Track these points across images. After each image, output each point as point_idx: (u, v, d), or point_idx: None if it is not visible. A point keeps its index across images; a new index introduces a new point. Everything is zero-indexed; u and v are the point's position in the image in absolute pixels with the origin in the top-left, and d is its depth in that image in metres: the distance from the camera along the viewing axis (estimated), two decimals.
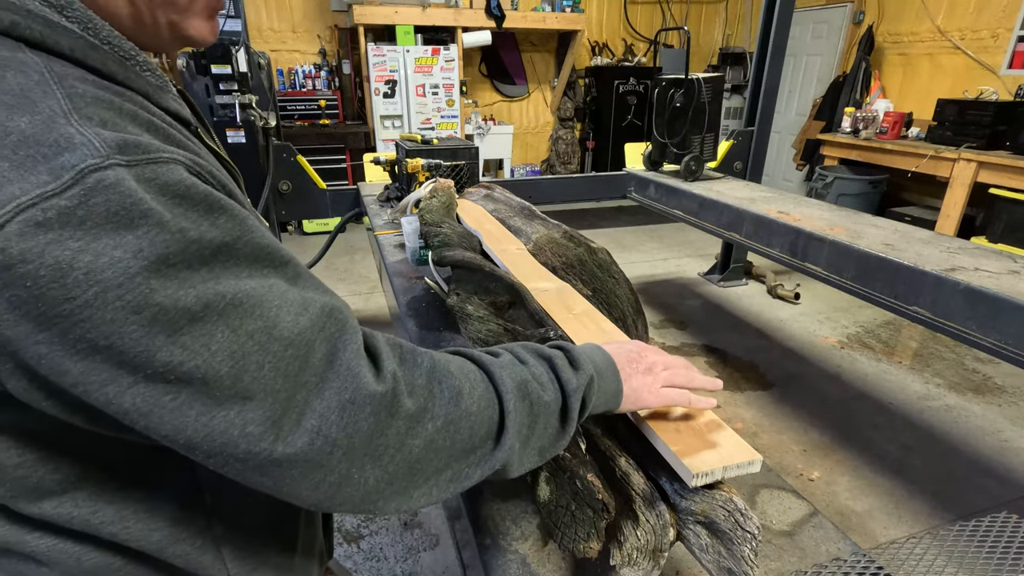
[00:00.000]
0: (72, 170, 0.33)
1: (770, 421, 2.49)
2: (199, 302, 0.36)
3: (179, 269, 0.36)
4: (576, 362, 0.60)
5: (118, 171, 0.35)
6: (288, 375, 0.40)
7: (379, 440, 0.43)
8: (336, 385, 0.42)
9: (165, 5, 0.48)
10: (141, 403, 0.36)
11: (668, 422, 0.77)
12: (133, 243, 0.34)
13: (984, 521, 1.74)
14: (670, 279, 4.20)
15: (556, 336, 0.94)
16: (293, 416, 0.40)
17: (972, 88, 4.44)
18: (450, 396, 0.48)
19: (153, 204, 0.35)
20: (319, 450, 0.41)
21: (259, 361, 0.39)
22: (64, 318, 0.33)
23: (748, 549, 0.65)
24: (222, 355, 0.37)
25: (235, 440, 0.39)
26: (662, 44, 6.82)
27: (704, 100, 2.85)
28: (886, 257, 1.76)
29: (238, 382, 0.38)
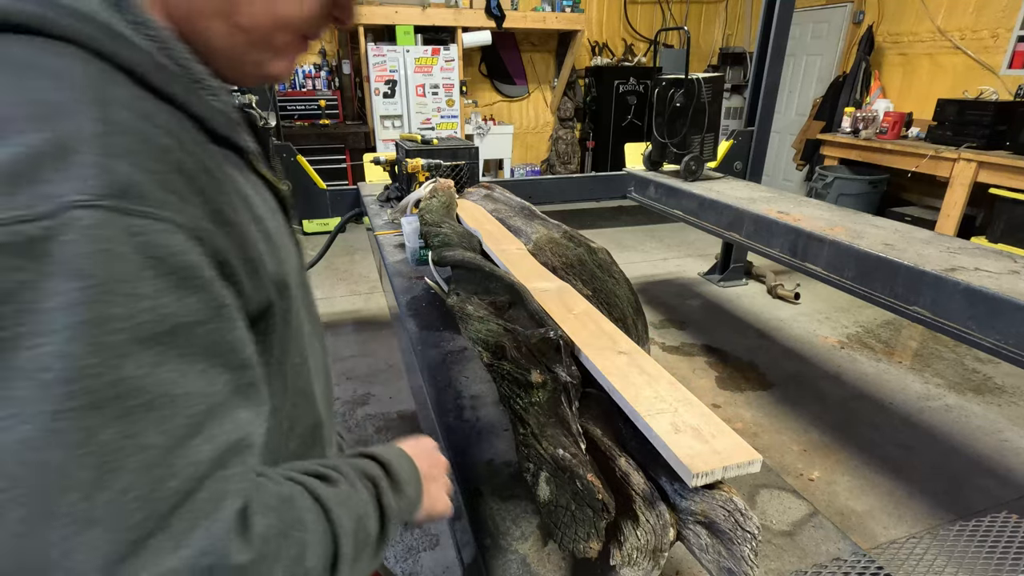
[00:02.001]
0: (54, 202, 0.31)
1: (770, 421, 2.49)
2: (114, 387, 0.31)
3: (114, 336, 0.32)
4: (398, 483, 0.56)
5: (102, 216, 0.32)
6: (153, 510, 0.32)
7: None
8: (202, 545, 0.33)
9: (261, 46, 0.47)
10: None
11: (668, 423, 0.77)
12: (73, 293, 0.31)
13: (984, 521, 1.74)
14: (670, 279, 4.20)
15: (556, 336, 0.94)
16: (140, 563, 0.31)
17: (972, 88, 4.44)
18: (296, 556, 0.41)
19: (122, 264, 0.32)
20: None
21: (128, 484, 0.31)
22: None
23: (748, 549, 0.65)
24: (92, 458, 0.30)
25: (44, 569, 0.29)
26: (662, 44, 6.82)
27: (704, 100, 2.85)
28: (886, 257, 1.76)
29: (93, 497, 0.30)
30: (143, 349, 0.33)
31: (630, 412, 0.83)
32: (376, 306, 3.71)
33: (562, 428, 0.86)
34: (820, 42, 5.85)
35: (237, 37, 0.46)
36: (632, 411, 0.82)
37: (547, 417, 0.88)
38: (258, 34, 0.46)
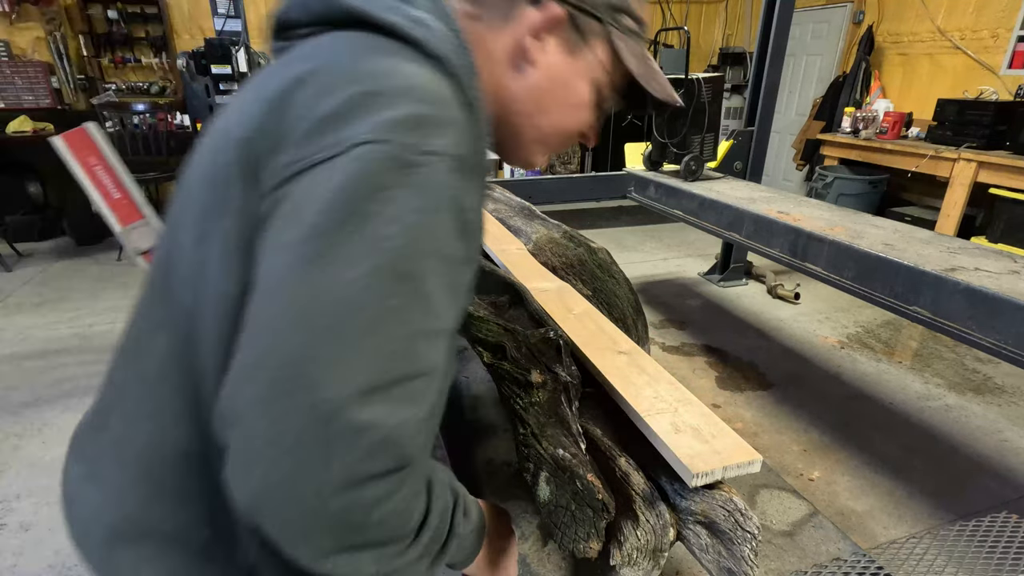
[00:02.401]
0: (431, 148, 0.46)
1: (770, 421, 2.49)
2: (415, 273, 0.44)
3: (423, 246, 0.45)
4: (467, 516, 0.59)
5: (450, 171, 0.47)
6: (392, 370, 0.42)
7: (376, 486, 0.41)
8: (400, 414, 0.42)
9: (540, 143, 0.66)
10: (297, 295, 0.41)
11: (668, 422, 0.77)
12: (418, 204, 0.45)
13: (984, 521, 1.74)
14: (670, 279, 4.20)
15: (556, 336, 0.94)
16: (366, 404, 0.40)
17: (972, 88, 4.44)
18: (417, 491, 0.48)
19: (446, 204, 0.47)
20: (351, 445, 0.40)
21: (386, 340, 0.42)
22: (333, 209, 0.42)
23: (748, 549, 0.65)
24: (380, 311, 0.42)
25: (309, 372, 0.39)
26: (662, 44, 6.82)
27: (704, 100, 2.85)
28: (886, 257, 1.76)
29: (365, 338, 0.41)
30: (434, 259, 0.45)
31: (630, 412, 0.83)
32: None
33: (562, 428, 0.86)
34: (820, 42, 5.85)
35: (530, 133, 0.64)
36: (632, 411, 0.82)
37: (547, 417, 0.88)
38: (544, 135, 0.65)
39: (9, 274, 3.98)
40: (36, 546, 1.79)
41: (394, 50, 0.51)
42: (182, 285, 0.52)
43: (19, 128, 4.34)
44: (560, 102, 0.63)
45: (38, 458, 2.18)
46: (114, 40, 4.99)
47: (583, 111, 0.65)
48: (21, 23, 4.71)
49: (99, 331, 3.15)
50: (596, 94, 0.65)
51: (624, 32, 0.64)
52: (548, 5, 0.59)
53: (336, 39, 0.53)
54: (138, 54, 5.15)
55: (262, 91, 0.50)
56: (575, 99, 0.64)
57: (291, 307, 0.41)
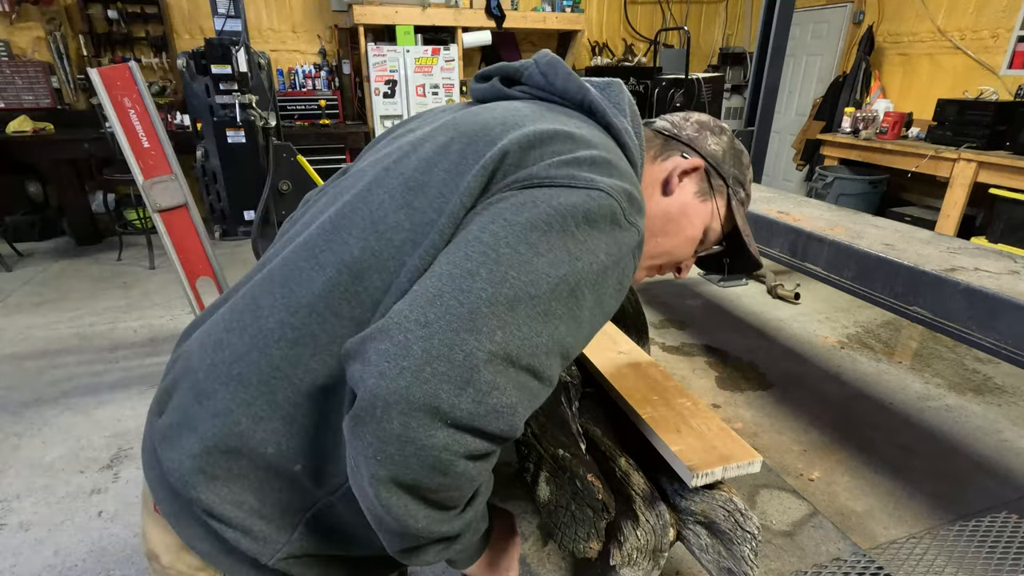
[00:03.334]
0: (604, 186, 0.56)
1: (770, 421, 2.49)
2: (583, 293, 0.53)
3: (591, 274, 0.54)
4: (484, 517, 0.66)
5: (619, 207, 0.57)
6: (532, 356, 0.50)
7: (484, 456, 0.50)
8: (515, 395, 0.49)
9: (649, 257, 0.79)
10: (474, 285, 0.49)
11: (668, 423, 0.77)
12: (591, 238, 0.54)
13: (984, 521, 1.74)
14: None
15: None
16: (506, 368, 0.48)
17: (972, 88, 4.44)
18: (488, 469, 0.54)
19: (612, 242, 0.56)
20: (480, 400, 0.46)
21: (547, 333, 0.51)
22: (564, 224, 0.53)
23: (748, 549, 0.65)
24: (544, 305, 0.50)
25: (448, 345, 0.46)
26: (662, 44, 6.82)
27: (704, 100, 2.85)
28: (886, 257, 1.76)
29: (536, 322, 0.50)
30: (595, 295, 0.54)
31: (630, 412, 0.82)
32: None
33: (562, 428, 0.86)
34: (820, 42, 5.85)
35: (649, 247, 0.75)
36: (632, 411, 0.82)
37: (547, 417, 0.88)
38: (656, 253, 0.78)
39: (9, 274, 3.98)
40: (36, 546, 1.79)
41: (598, 128, 0.66)
42: (360, 236, 0.59)
43: (19, 128, 4.34)
44: (678, 230, 0.77)
45: (38, 458, 2.18)
46: (114, 40, 4.99)
47: (690, 245, 0.79)
48: (21, 23, 4.71)
49: (99, 331, 3.15)
50: (704, 236, 0.80)
51: (738, 199, 0.81)
52: (694, 158, 0.77)
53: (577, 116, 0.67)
54: (138, 54, 5.15)
55: (525, 119, 0.62)
56: (690, 232, 0.78)
57: (494, 266, 0.49)
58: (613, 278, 0.56)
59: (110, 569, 1.72)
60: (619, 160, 0.61)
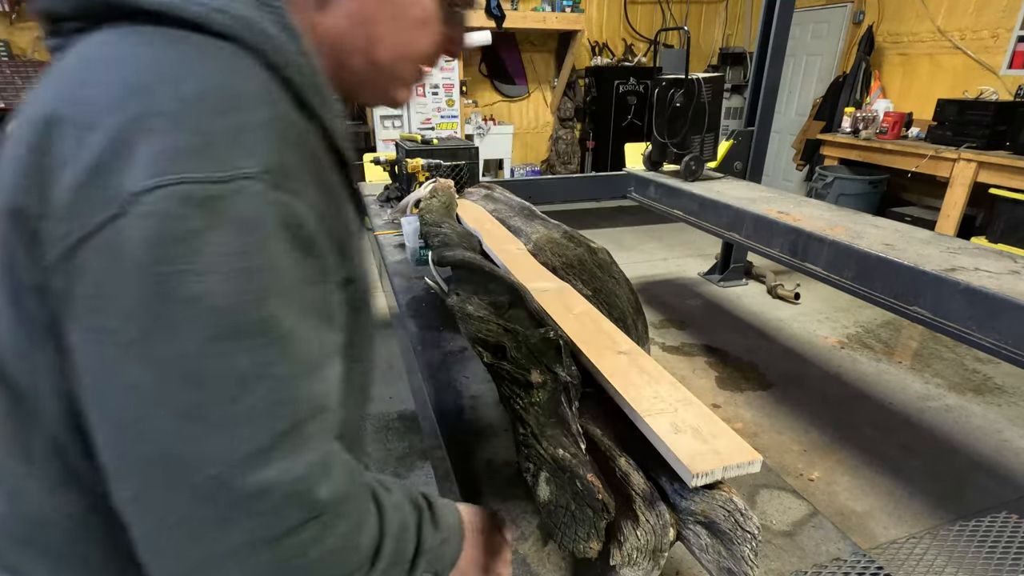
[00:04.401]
0: (231, 171, 0.38)
1: (770, 421, 2.49)
2: (263, 321, 0.39)
3: (265, 284, 0.39)
4: (437, 526, 0.59)
5: (262, 189, 0.40)
6: (272, 428, 0.39)
7: (297, 537, 0.41)
8: (300, 471, 0.40)
9: (390, 76, 0.57)
10: (135, 376, 0.37)
11: (668, 423, 0.77)
12: (241, 243, 0.38)
13: (984, 521, 1.74)
14: (670, 279, 4.20)
15: (556, 336, 0.94)
16: (255, 469, 0.38)
17: (972, 88, 4.44)
18: (356, 523, 0.46)
19: (272, 227, 0.40)
20: (252, 511, 0.38)
21: (258, 402, 0.39)
22: (143, 274, 0.36)
23: (748, 549, 0.65)
24: (236, 376, 0.38)
25: (187, 455, 0.37)
26: (662, 44, 6.82)
27: (704, 100, 2.85)
28: (886, 257, 1.76)
29: (233, 405, 0.38)
30: (277, 297, 0.40)
31: (630, 412, 0.83)
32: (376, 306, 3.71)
33: (562, 428, 0.86)
34: (820, 42, 5.85)
35: (372, 70, 0.55)
36: (632, 411, 0.82)
37: (547, 417, 0.88)
38: (388, 67, 0.56)
39: None
40: None
41: (169, 44, 0.41)
42: None
43: None
44: (393, 25, 0.54)
45: None
46: None
47: (427, 27, 0.56)
48: (21, 23, 4.71)
49: None
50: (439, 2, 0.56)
51: None
52: None
53: (97, 44, 0.43)
54: None
55: (22, 133, 0.41)
56: (412, 16, 0.54)
57: (137, 400, 0.37)
58: (276, 256, 0.40)
59: None
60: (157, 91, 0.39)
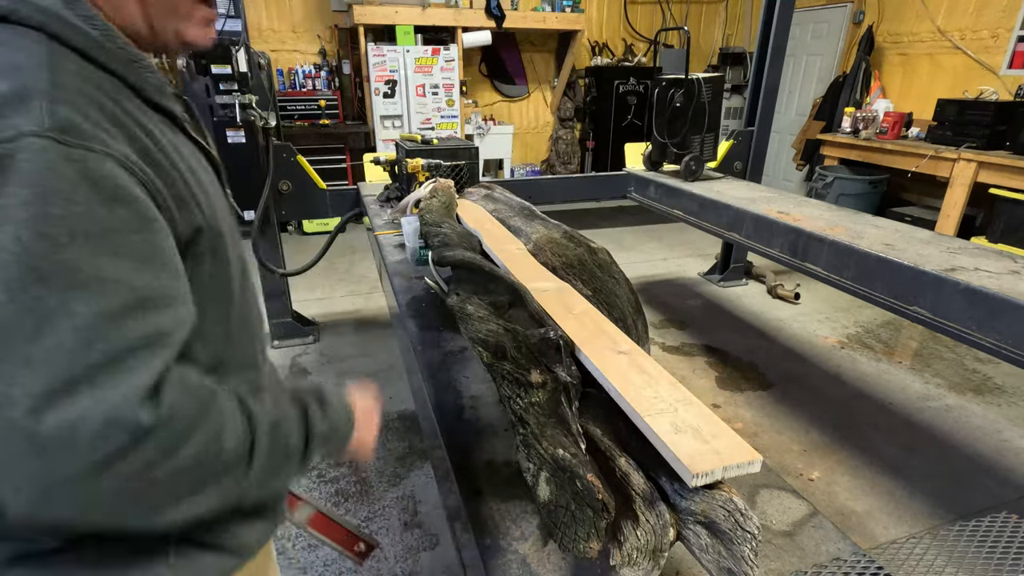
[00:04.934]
0: (13, 131, 0.43)
1: (770, 421, 2.49)
2: (58, 265, 0.42)
3: (58, 232, 0.43)
4: (326, 413, 0.67)
5: (48, 144, 0.44)
6: (78, 363, 0.42)
7: (127, 460, 0.44)
8: (113, 401, 0.43)
9: (170, 14, 0.59)
10: None
11: (668, 423, 0.77)
12: (25, 195, 0.42)
13: (984, 521, 1.74)
14: (670, 279, 4.20)
15: (556, 336, 0.94)
16: (53, 397, 0.41)
17: (972, 88, 4.44)
18: (213, 433, 0.50)
19: (59, 180, 0.44)
20: (64, 438, 0.41)
21: (63, 338, 0.42)
22: None
23: (748, 549, 0.65)
24: (35, 316, 0.41)
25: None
26: (662, 44, 6.82)
27: (704, 100, 2.85)
28: (886, 257, 1.76)
29: (32, 344, 0.41)
30: (79, 242, 0.43)
31: (630, 412, 0.83)
32: (376, 306, 3.71)
33: (562, 428, 0.86)
34: (820, 42, 5.85)
35: (149, 11, 0.58)
36: (632, 411, 0.82)
37: (547, 417, 0.88)
38: (163, 5, 0.59)
39: None
40: None
41: None
42: None
43: None
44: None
45: None
46: None
47: None
48: None
49: None
50: None
51: None
52: None
53: None
54: None
55: None
56: None
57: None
58: (73, 204, 0.43)
59: None
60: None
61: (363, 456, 0.77)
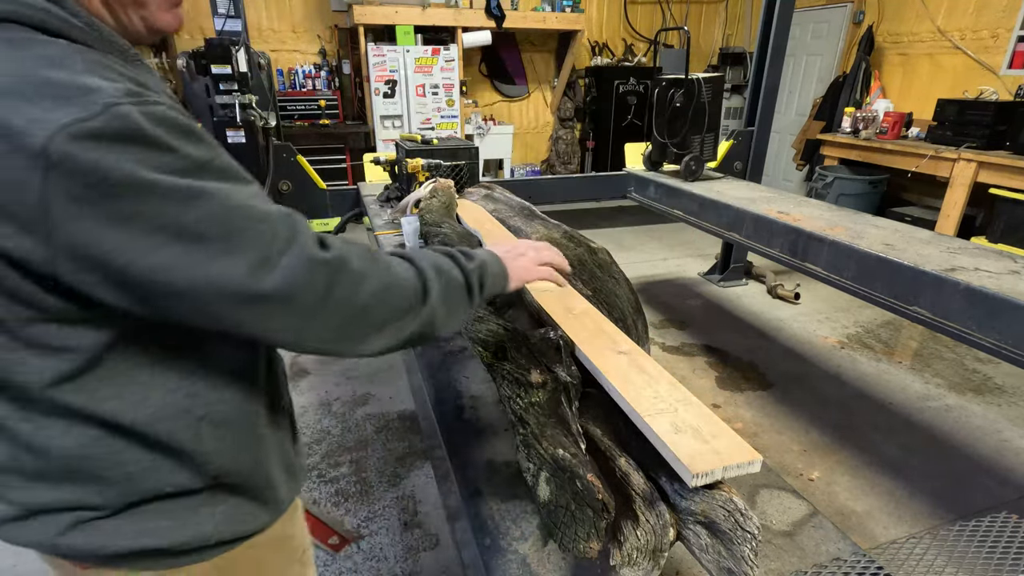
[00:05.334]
0: (100, 104, 0.49)
1: (770, 421, 2.49)
2: (192, 188, 0.51)
3: (175, 168, 0.51)
4: (470, 255, 0.80)
5: (128, 107, 0.50)
6: (261, 239, 0.54)
7: (333, 291, 0.58)
8: (297, 250, 0.56)
9: (133, 4, 0.62)
10: (164, 260, 0.50)
11: (668, 423, 0.77)
12: (138, 152, 0.49)
13: (984, 521, 1.74)
14: (670, 279, 4.20)
15: (556, 336, 0.94)
16: (267, 267, 0.54)
17: (972, 88, 4.44)
18: (384, 267, 0.65)
19: (151, 129, 0.51)
20: (287, 289, 0.55)
21: (241, 227, 0.53)
22: (102, 198, 0.48)
23: (748, 549, 0.65)
24: (214, 222, 0.52)
25: (226, 282, 0.52)
26: (662, 44, 6.82)
27: (704, 100, 2.85)
28: (886, 257, 1.76)
29: (226, 241, 0.52)
30: (195, 173, 0.53)
31: (630, 412, 0.82)
32: None
33: (562, 428, 0.86)
34: (820, 42, 5.85)
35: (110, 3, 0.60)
36: (632, 411, 0.82)
37: (547, 417, 0.88)
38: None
39: None
40: None
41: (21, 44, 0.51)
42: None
43: None
44: None
45: None
46: None
47: None
48: None
49: None
50: None
51: None
52: None
53: None
54: None
55: None
56: None
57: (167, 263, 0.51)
58: (163, 150, 0.51)
59: None
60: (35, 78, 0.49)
61: (536, 276, 0.92)
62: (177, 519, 0.65)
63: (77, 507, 0.61)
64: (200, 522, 0.66)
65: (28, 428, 0.58)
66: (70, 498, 0.61)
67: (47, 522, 0.61)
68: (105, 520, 0.62)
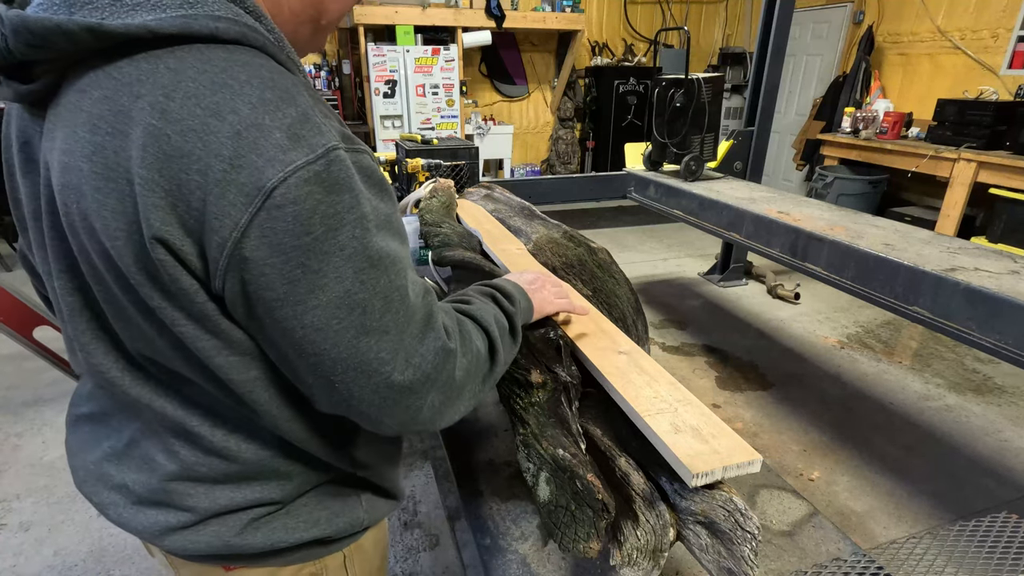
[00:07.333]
0: (323, 148, 0.48)
1: (770, 421, 2.49)
2: (377, 252, 0.52)
3: (369, 226, 0.51)
4: (507, 293, 0.81)
5: (344, 153, 0.50)
6: (409, 322, 0.55)
7: (445, 376, 0.59)
8: (431, 338, 0.57)
9: (326, 33, 0.66)
10: (317, 320, 0.50)
11: (668, 423, 0.77)
12: (349, 201, 0.50)
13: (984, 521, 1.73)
14: (670, 279, 4.20)
15: (557, 336, 0.94)
16: (405, 354, 0.54)
17: (972, 88, 4.44)
18: (469, 341, 0.65)
19: (358, 180, 0.52)
20: (418, 382, 0.55)
21: (397, 307, 0.54)
22: (295, 248, 0.47)
23: (748, 549, 0.65)
24: (380, 295, 0.52)
25: (368, 361, 0.52)
26: (662, 44, 6.82)
27: (704, 100, 2.85)
28: (886, 257, 1.75)
29: (384, 317, 0.53)
30: (381, 231, 0.53)
31: (630, 412, 0.82)
32: None
33: (562, 428, 0.86)
34: (820, 42, 5.85)
35: (316, 32, 0.64)
36: (632, 411, 0.82)
37: (547, 417, 0.88)
38: (327, 28, 0.65)
39: (9, 274, 3.98)
40: (36, 546, 1.79)
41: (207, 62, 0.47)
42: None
43: None
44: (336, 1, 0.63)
45: (38, 458, 2.18)
46: None
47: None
48: None
49: None
50: None
51: None
52: None
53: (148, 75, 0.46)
54: None
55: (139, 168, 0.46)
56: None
57: (326, 334, 0.50)
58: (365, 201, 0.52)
59: (110, 569, 1.72)
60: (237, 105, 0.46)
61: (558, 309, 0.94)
62: (335, 507, 0.69)
63: (257, 504, 0.63)
64: (353, 508, 0.70)
65: (220, 434, 0.60)
66: (252, 496, 0.63)
67: (224, 523, 0.62)
68: (278, 515, 0.65)
